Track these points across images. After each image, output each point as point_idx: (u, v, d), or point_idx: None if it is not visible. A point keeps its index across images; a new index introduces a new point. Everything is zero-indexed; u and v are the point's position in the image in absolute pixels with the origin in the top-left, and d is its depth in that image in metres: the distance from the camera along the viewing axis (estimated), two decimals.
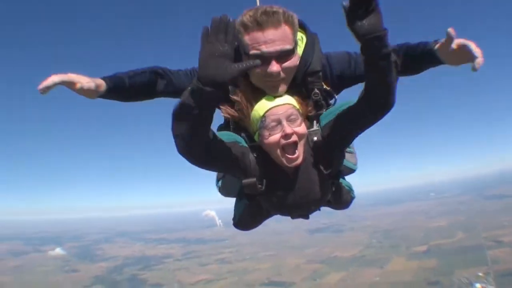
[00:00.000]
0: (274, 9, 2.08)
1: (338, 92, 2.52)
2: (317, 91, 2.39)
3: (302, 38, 2.40)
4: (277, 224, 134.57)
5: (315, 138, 2.32)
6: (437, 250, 76.82)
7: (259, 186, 2.27)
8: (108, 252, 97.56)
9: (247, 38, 2.08)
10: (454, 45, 2.01)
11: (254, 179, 2.24)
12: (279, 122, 2.09)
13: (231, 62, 1.75)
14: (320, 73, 2.40)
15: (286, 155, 2.12)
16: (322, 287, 62.58)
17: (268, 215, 2.93)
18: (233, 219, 3.05)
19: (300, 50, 2.33)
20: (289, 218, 2.91)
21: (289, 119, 2.11)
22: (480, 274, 58.32)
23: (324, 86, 2.41)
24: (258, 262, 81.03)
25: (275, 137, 2.08)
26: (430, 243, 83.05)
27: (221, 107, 2.28)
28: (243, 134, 2.33)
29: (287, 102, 2.17)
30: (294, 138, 2.10)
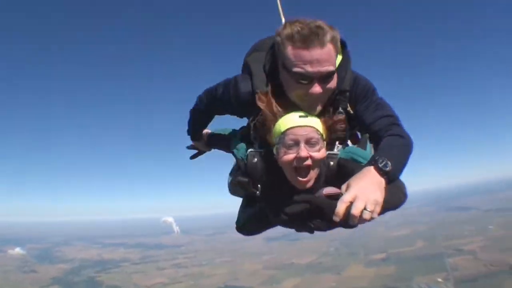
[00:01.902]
0: (323, 27, 2.05)
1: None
2: (342, 110, 2.37)
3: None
4: (233, 233, 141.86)
5: (332, 163, 2.30)
6: (396, 258, 77.64)
7: (253, 189, 2.36)
8: (67, 254, 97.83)
9: (291, 53, 2.07)
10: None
11: (246, 179, 2.34)
12: (297, 143, 2.08)
13: None
14: (348, 93, 2.37)
15: (298, 177, 2.15)
16: None
17: (272, 224, 2.92)
18: (237, 222, 3.11)
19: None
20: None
21: (309, 142, 2.10)
22: (440, 280, 59.74)
23: (349, 108, 2.39)
24: (215, 268, 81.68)
25: (289, 156, 2.09)
26: (389, 251, 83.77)
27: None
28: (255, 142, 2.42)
29: (311, 124, 2.13)
30: (308, 162, 2.10)
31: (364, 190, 1.76)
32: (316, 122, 2.13)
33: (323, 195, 2.05)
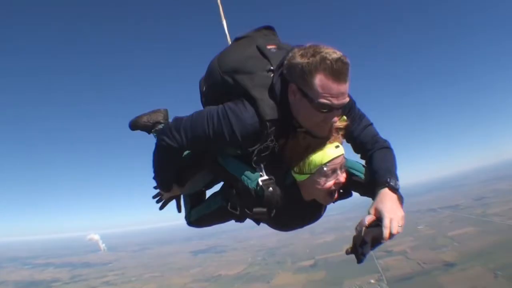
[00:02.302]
0: (349, 62, 2.05)
1: None
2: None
3: None
4: (161, 248, 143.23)
5: None
6: (324, 263, 78.19)
7: (270, 215, 2.40)
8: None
9: (319, 84, 2.01)
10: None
11: (264, 209, 2.34)
12: (335, 171, 2.30)
13: None
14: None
15: (329, 198, 2.42)
16: None
17: (240, 219, 2.83)
18: (188, 217, 3.10)
19: None
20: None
21: (342, 168, 2.35)
22: (372, 281, 59.63)
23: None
24: (144, 283, 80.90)
25: (330, 184, 2.31)
26: (316, 257, 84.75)
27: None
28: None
29: (343, 153, 2.34)
30: (341, 184, 2.39)
31: (392, 211, 2.06)
32: (343, 150, 2.34)
33: (365, 225, 2.13)
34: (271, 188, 2.22)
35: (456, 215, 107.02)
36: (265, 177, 2.28)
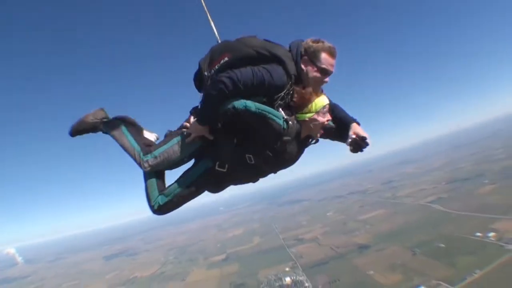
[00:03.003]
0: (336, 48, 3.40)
1: None
2: None
3: None
4: (75, 256, 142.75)
5: None
6: (236, 257, 77.87)
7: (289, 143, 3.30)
8: None
9: (324, 58, 3.28)
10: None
11: (290, 138, 3.25)
12: (326, 112, 3.33)
13: None
14: None
15: (320, 131, 3.38)
16: None
17: (223, 183, 3.56)
18: (156, 203, 3.41)
19: None
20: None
21: (328, 111, 3.39)
22: (287, 269, 58.83)
23: None
24: None
25: (324, 119, 3.29)
26: (228, 251, 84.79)
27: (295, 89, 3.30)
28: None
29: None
30: (328, 121, 3.41)
31: (363, 130, 3.36)
32: None
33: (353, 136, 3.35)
34: (291, 122, 3.16)
35: (365, 199, 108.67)
36: (286, 116, 3.17)
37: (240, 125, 3.22)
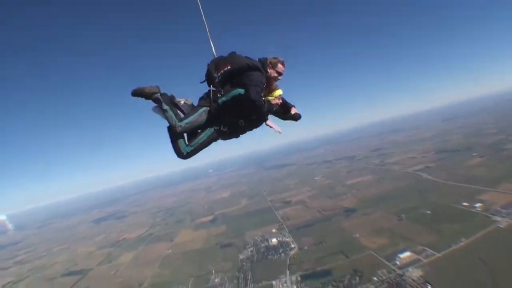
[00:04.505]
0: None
1: None
2: None
3: None
4: (64, 221, 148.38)
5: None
6: (223, 218, 79.38)
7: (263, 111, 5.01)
8: None
9: (279, 67, 5.10)
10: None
11: (265, 108, 4.94)
12: (280, 98, 5.27)
13: None
14: None
15: (276, 106, 5.28)
16: (118, 267, 62.53)
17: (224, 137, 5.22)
18: (185, 151, 5.02)
19: None
20: None
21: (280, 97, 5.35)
22: (274, 230, 60.20)
23: None
24: (54, 257, 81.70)
25: (279, 102, 5.26)
26: (215, 213, 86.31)
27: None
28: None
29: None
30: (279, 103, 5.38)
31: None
32: None
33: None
34: (265, 101, 4.98)
35: (353, 165, 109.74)
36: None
37: (240, 102, 4.90)
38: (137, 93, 4.96)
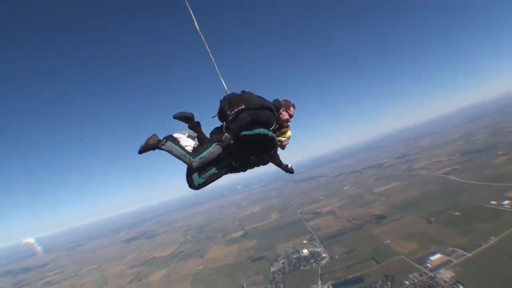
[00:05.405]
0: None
1: None
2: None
3: None
4: (93, 242, 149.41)
5: None
6: (254, 232, 79.54)
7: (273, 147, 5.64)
8: None
9: (292, 109, 5.63)
10: None
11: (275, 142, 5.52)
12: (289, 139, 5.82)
13: None
14: None
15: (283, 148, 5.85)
16: (149, 285, 63.01)
17: (233, 171, 5.61)
18: (196, 182, 5.23)
19: None
20: None
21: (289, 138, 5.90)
22: (305, 241, 60.57)
23: None
24: (84, 277, 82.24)
25: (288, 143, 5.78)
26: (245, 228, 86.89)
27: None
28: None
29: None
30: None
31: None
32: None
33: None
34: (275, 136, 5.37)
35: (380, 173, 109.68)
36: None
37: (252, 139, 5.17)
38: (144, 150, 5.03)
